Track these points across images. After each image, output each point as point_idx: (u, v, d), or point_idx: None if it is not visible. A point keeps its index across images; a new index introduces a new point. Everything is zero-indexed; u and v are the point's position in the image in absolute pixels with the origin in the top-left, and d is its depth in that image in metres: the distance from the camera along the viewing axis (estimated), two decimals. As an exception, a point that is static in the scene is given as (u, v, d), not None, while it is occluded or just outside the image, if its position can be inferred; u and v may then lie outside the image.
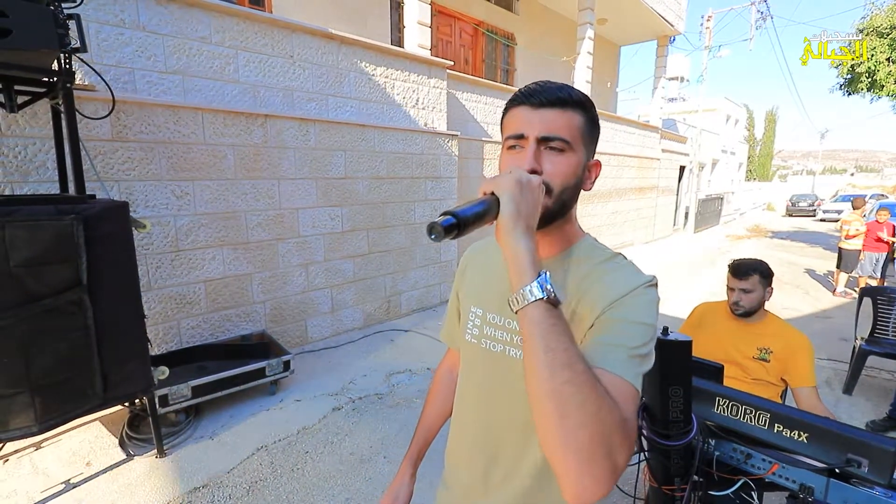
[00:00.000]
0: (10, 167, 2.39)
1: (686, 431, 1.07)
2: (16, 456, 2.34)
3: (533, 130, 0.67)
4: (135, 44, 2.85)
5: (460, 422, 0.89)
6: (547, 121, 0.67)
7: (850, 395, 3.32)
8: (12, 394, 1.79)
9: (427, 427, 1.06)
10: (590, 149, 0.73)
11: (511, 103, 0.72)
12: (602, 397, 0.52)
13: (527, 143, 0.68)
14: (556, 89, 0.69)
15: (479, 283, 0.87)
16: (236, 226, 3.38)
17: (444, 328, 1.05)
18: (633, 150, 10.05)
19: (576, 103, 0.69)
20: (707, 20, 13.58)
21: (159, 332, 3.04)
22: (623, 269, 0.71)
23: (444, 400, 1.05)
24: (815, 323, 5.06)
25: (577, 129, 0.69)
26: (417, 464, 1.03)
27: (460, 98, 5.66)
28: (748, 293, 1.87)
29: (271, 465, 2.39)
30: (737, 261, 1.97)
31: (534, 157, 0.67)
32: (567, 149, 0.68)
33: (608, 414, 0.51)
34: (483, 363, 0.81)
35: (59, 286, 1.85)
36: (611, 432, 0.50)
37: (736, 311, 1.91)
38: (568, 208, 0.72)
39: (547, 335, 0.53)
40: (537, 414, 0.53)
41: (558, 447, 0.50)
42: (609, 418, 0.51)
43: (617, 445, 0.51)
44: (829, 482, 0.97)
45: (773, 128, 40.34)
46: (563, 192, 0.69)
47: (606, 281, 0.68)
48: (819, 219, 19.69)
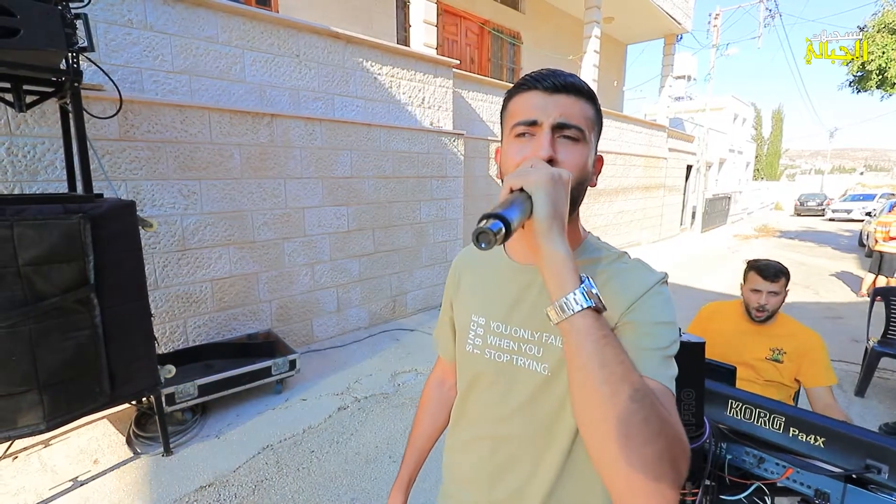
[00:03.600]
0: (20, 166, 2.41)
1: (698, 435, 1.05)
2: (24, 453, 2.36)
3: (548, 117, 0.63)
4: (142, 43, 2.85)
5: (462, 437, 0.83)
6: (562, 106, 0.63)
7: (862, 398, 3.28)
8: (21, 392, 1.80)
9: (418, 449, 0.99)
10: (597, 141, 0.70)
11: (518, 88, 0.67)
12: (662, 410, 0.49)
13: (540, 131, 0.63)
14: (567, 75, 0.65)
15: (480, 291, 0.81)
16: (243, 225, 3.38)
17: (437, 339, 0.99)
18: (640, 150, 9.99)
19: (587, 93, 0.66)
20: (715, 18, 13.47)
21: (166, 330, 3.05)
22: (634, 269, 0.68)
23: (434, 418, 0.99)
24: (825, 324, 4.99)
25: (589, 119, 0.66)
26: (409, 490, 0.97)
27: (466, 97, 5.64)
28: (776, 296, 1.81)
29: (277, 464, 2.39)
30: (762, 261, 1.87)
31: (550, 144, 0.62)
32: (581, 138, 0.64)
33: (669, 426, 0.48)
34: (488, 374, 0.76)
35: (66, 285, 1.85)
36: (675, 446, 0.47)
37: (759, 315, 1.82)
38: (577, 204, 0.68)
39: (601, 348, 0.49)
40: (594, 435, 0.49)
41: (622, 468, 0.46)
42: (671, 431, 0.48)
43: (681, 460, 0.48)
44: (846, 488, 0.95)
45: (780, 126, 39.96)
46: (577, 185, 0.64)
47: (619, 283, 0.65)
48: (828, 218, 19.47)
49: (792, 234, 14.06)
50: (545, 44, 9.35)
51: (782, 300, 1.83)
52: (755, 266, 1.87)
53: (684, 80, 15.59)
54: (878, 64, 8.59)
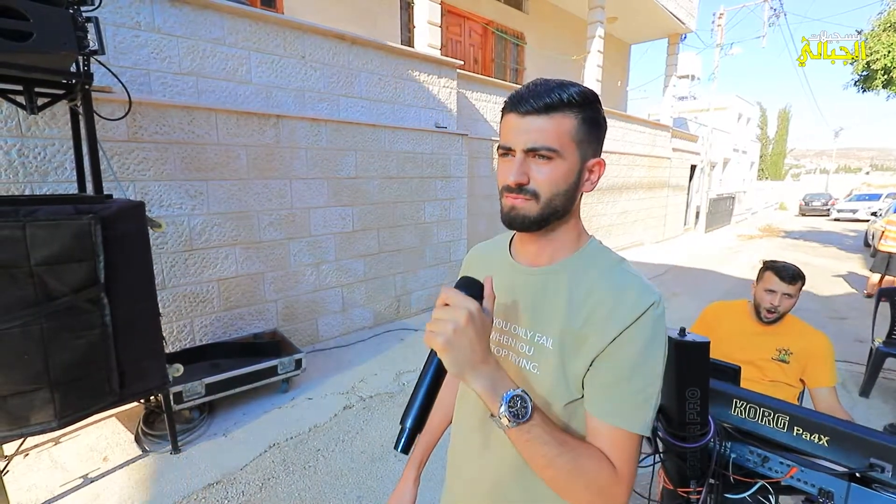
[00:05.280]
0: (31, 167, 2.44)
1: (703, 434, 1.07)
2: (35, 451, 2.39)
3: (519, 142, 0.67)
4: (150, 46, 2.88)
5: (463, 425, 0.89)
6: (532, 130, 0.66)
7: (867, 398, 3.27)
8: (33, 389, 1.82)
9: (430, 431, 1.05)
10: (588, 149, 0.70)
11: (504, 108, 0.71)
12: (587, 473, 0.63)
13: (514, 154, 0.69)
14: (544, 93, 0.66)
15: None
16: (249, 225, 3.41)
17: None
18: (644, 150, 9.97)
19: (567, 105, 0.66)
20: (719, 17, 13.43)
21: (173, 329, 3.08)
22: (629, 288, 0.68)
23: (446, 403, 1.03)
24: (829, 324, 4.98)
25: (566, 135, 0.67)
26: (421, 468, 1.03)
27: (470, 97, 5.65)
28: (790, 298, 1.79)
29: (283, 462, 2.41)
30: (779, 263, 1.85)
31: (520, 168, 0.68)
32: (555, 156, 0.67)
33: (601, 478, 0.63)
34: None
35: (77, 284, 1.88)
36: (607, 488, 0.63)
37: (768, 316, 1.81)
38: (563, 212, 0.71)
39: (527, 448, 0.62)
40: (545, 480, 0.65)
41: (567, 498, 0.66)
42: (604, 481, 0.63)
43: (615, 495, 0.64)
44: (850, 487, 0.96)
45: (785, 126, 39.71)
46: (553, 199, 0.69)
47: (611, 304, 0.67)
48: (833, 218, 19.35)
49: (796, 235, 14.00)
50: (548, 44, 9.35)
51: (794, 304, 1.81)
52: (772, 266, 1.84)
53: (688, 79, 15.51)
54: (883, 63, 8.55)
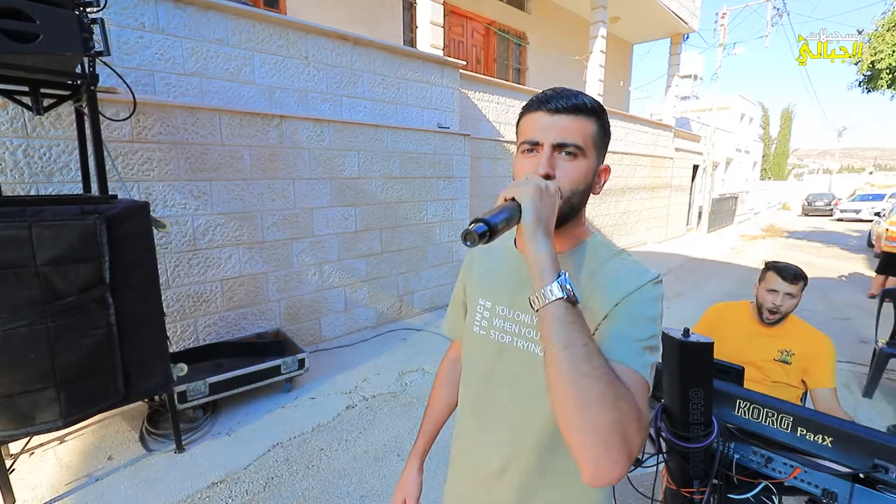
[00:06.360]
0: (36, 168, 2.45)
1: (706, 434, 1.07)
2: (41, 449, 2.41)
3: (548, 137, 0.70)
4: (154, 46, 2.90)
5: (466, 410, 0.92)
6: (562, 127, 0.70)
7: (870, 399, 3.26)
8: (39, 389, 1.84)
9: (433, 419, 1.07)
10: (600, 154, 0.76)
11: (527, 108, 0.75)
12: (619, 388, 0.56)
13: (541, 149, 0.71)
14: (571, 96, 0.71)
15: (488, 278, 0.90)
16: (252, 225, 3.42)
17: (447, 321, 1.07)
18: (646, 150, 9.95)
19: (589, 111, 0.72)
20: (722, 17, 13.39)
21: (177, 329, 3.09)
22: (630, 267, 0.74)
23: (449, 390, 1.06)
24: (832, 325, 4.97)
25: (589, 137, 0.72)
26: (424, 457, 1.05)
27: (473, 98, 5.66)
28: (792, 298, 1.79)
29: (287, 461, 2.42)
30: (781, 263, 1.84)
31: (548, 162, 0.70)
32: (580, 155, 0.71)
33: (624, 403, 0.56)
34: (491, 353, 0.84)
35: (83, 284, 1.89)
36: (626, 420, 0.55)
37: (770, 317, 1.81)
38: (577, 211, 0.76)
39: (567, 331, 0.57)
40: (558, 402, 0.57)
41: (578, 432, 0.55)
42: (625, 407, 0.55)
43: (633, 432, 0.55)
44: (853, 488, 0.96)
45: (788, 126, 39.60)
46: (573, 195, 0.72)
47: (615, 278, 0.72)
48: (836, 218, 19.28)
49: (800, 235, 13.95)
50: (551, 44, 9.35)
51: (796, 304, 1.81)
52: (774, 266, 1.84)
53: (691, 79, 15.50)
54: (888, 63, 8.50)
